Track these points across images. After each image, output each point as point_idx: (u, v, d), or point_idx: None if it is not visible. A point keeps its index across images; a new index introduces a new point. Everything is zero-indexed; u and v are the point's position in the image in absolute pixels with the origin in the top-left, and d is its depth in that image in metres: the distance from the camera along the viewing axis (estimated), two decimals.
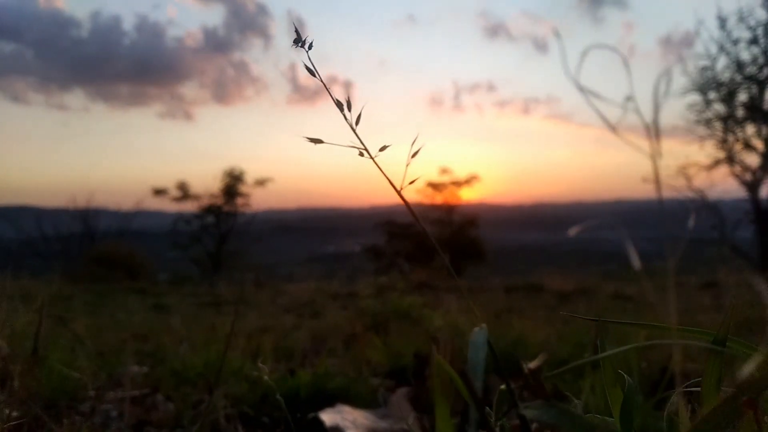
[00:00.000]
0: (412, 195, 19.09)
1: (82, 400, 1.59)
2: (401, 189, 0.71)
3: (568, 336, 2.53)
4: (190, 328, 3.53)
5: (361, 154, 0.71)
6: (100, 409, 1.53)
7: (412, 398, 1.62)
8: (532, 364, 0.59)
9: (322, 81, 0.73)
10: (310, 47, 0.71)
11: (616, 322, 0.74)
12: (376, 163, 0.69)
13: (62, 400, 1.55)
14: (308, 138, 0.70)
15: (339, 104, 0.71)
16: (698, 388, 0.62)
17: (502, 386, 0.62)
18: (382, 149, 0.70)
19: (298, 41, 0.71)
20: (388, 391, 1.83)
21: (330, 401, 1.57)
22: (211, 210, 18.35)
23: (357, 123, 0.71)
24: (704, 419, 0.51)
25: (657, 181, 0.46)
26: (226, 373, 1.79)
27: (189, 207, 18.47)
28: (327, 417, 1.39)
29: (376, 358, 2.21)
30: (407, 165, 0.71)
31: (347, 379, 1.75)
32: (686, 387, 0.62)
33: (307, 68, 0.71)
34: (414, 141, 0.71)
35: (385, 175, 0.69)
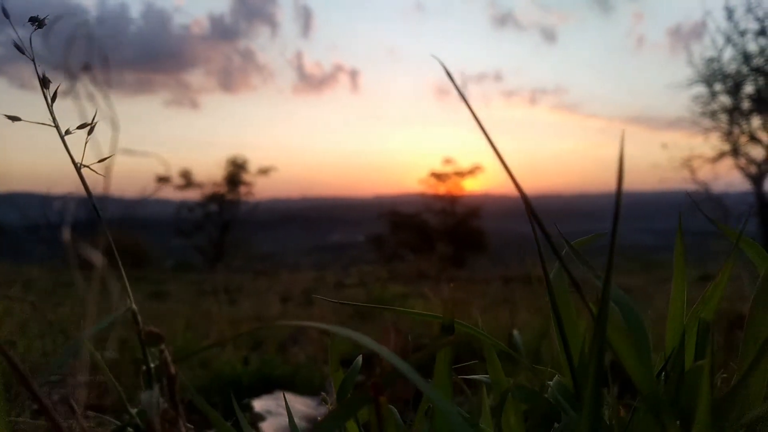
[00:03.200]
0: (416, 185, 19.09)
1: (41, 385, 1.59)
2: (81, 166, 0.65)
3: (531, 326, 2.50)
4: (179, 315, 3.54)
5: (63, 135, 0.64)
6: (56, 393, 1.52)
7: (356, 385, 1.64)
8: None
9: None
10: (41, 25, 0.63)
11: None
12: (64, 142, 0.65)
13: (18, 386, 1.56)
14: (6, 115, 0.64)
15: (41, 80, 0.64)
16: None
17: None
18: (81, 127, 0.64)
19: (34, 20, 0.63)
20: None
21: (275, 388, 1.62)
22: (214, 198, 18.39)
23: (54, 100, 0.65)
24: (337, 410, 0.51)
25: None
26: (191, 359, 1.83)
27: (193, 195, 18.52)
28: (259, 403, 1.44)
29: (341, 347, 2.22)
30: None
31: (293, 367, 1.80)
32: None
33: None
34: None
35: (68, 151, 0.66)
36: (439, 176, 18.43)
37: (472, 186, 18.76)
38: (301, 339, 2.62)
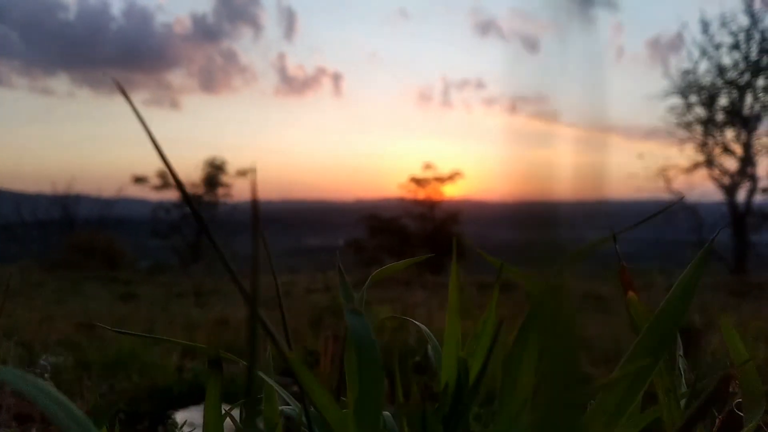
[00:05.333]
0: (397, 189, 19.12)
1: None
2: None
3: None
4: (141, 319, 3.48)
5: None
6: None
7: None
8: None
9: None
10: None
11: None
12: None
13: None
14: None
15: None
16: None
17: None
18: None
19: None
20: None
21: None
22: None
23: None
24: None
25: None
26: (135, 365, 1.82)
27: (170, 196, 18.31)
28: (183, 414, 1.44)
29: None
30: None
31: (232, 375, 1.79)
32: None
33: None
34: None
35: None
36: (418, 181, 18.49)
37: (451, 191, 18.85)
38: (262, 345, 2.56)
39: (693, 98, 12.11)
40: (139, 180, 18.00)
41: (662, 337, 0.60)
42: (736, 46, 11.44)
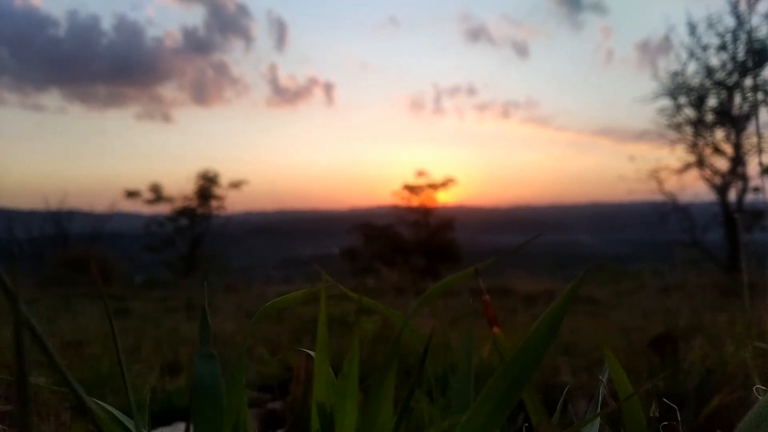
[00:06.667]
0: (388, 197, 19.13)
1: None
2: None
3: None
4: (130, 335, 3.42)
5: None
6: None
7: (262, 417, 1.58)
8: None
9: None
10: None
11: None
12: None
13: None
14: None
15: None
16: None
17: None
18: None
19: None
20: (254, 407, 1.77)
21: (178, 418, 1.58)
22: (184, 212, 18.14)
23: None
24: None
25: None
26: (114, 385, 1.78)
27: (163, 209, 18.25)
28: None
29: (266, 370, 2.17)
30: None
31: None
32: None
33: None
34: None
35: None
36: (412, 189, 18.50)
37: (445, 198, 18.88)
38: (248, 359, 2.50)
39: (682, 100, 12.20)
40: (132, 194, 17.94)
41: (513, 384, 0.53)
42: (723, 47, 11.55)
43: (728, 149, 11.98)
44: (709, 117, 12.15)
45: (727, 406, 1.36)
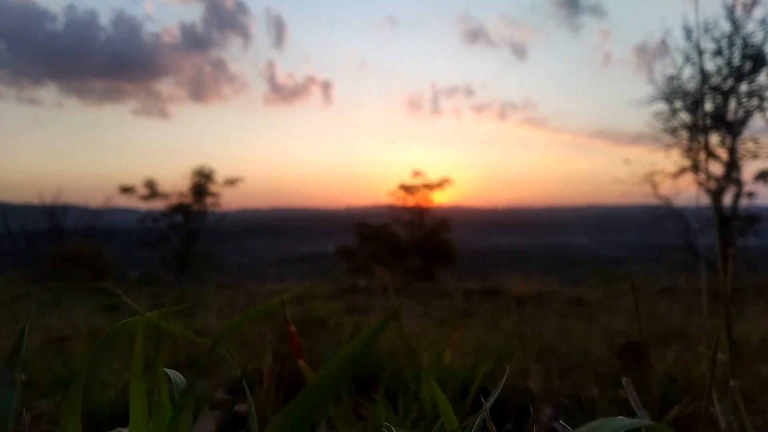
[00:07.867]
0: (384, 197, 19.13)
1: None
2: None
3: (462, 343, 2.44)
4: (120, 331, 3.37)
5: None
6: None
7: (223, 420, 1.57)
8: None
9: None
10: None
11: None
12: None
13: None
14: None
15: None
16: None
17: None
18: None
19: None
20: (217, 408, 1.75)
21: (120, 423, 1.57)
22: (179, 209, 18.09)
23: None
24: None
25: None
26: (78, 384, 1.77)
27: (158, 205, 18.19)
28: None
29: (239, 371, 2.13)
30: None
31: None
32: None
33: None
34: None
35: None
36: (408, 188, 18.51)
37: (441, 198, 18.89)
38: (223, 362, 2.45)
39: (678, 104, 12.25)
40: (127, 190, 17.88)
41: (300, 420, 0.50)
42: (719, 52, 11.59)
43: (723, 154, 12.04)
44: (705, 121, 12.20)
45: (687, 416, 1.35)
